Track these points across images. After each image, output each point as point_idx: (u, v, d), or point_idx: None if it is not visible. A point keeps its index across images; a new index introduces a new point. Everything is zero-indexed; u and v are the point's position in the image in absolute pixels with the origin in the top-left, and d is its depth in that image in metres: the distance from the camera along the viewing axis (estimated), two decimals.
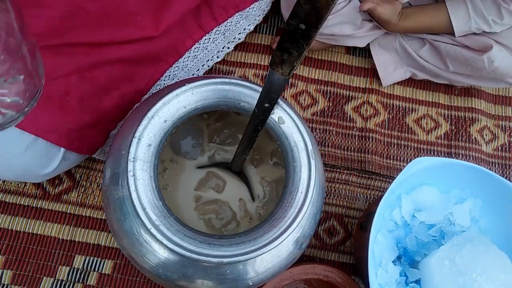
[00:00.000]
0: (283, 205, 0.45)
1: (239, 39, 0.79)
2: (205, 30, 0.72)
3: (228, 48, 0.79)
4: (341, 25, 0.78)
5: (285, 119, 0.47)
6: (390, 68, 0.84)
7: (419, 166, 0.64)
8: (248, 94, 0.47)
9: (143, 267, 0.51)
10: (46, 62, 0.58)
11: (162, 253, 0.49)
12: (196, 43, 0.72)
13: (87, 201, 0.76)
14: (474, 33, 0.75)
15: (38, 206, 0.75)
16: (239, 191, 0.66)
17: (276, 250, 0.51)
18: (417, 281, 0.66)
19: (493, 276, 0.60)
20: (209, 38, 0.73)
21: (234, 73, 0.86)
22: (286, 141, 0.47)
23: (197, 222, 0.65)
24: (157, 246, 0.49)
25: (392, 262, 0.66)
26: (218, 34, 0.74)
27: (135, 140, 0.45)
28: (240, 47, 0.81)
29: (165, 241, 0.45)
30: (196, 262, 0.49)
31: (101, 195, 0.77)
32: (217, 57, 0.78)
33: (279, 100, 0.46)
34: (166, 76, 0.71)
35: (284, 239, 0.46)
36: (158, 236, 0.45)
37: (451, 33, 0.75)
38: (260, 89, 0.47)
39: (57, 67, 0.59)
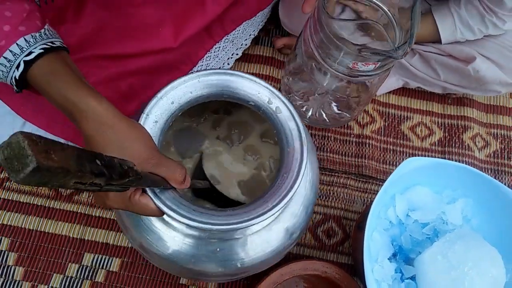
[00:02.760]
0: (276, 184, 0.49)
1: (246, 44, 0.84)
2: (215, 39, 0.77)
3: (237, 54, 0.84)
4: None
5: (282, 109, 0.51)
6: None
7: (411, 166, 0.66)
8: (249, 86, 0.52)
9: (150, 251, 0.54)
10: None
11: (167, 233, 0.52)
12: (208, 52, 0.77)
13: None
14: (459, 42, 0.78)
15: (51, 206, 0.78)
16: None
17: (266, 234, 0.54)
18: (412, 277, 0.68)
19: (484, 269, 0.62)
20: (219, 47, 0.78)
21: None
22: (282, 129, 0.51)
23: None
24: (160, 225, 0.53)
25: (388, 259, 0.68)
26: (227, 42, 0.79)
27: (143, 115, 0.50)
28: (243, 58, 0.86)
29: (164, 208, 0.46)
30: (192, 238, 0.52)
31: None
32: (228, 64, 0.83)
33: (275, 91, 0.51)
34: None
35: (274, 214, 0.48)
36: (160, 205, 0.46)
37: (438, 41, 0.79)
38: (260, 81, 0.51)
39: (87, 77, 0.64)
